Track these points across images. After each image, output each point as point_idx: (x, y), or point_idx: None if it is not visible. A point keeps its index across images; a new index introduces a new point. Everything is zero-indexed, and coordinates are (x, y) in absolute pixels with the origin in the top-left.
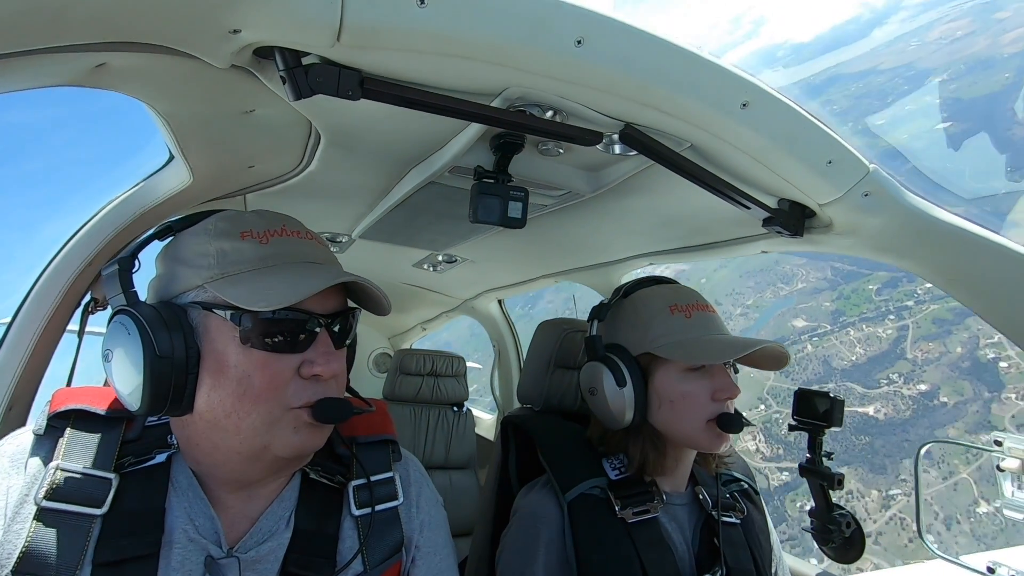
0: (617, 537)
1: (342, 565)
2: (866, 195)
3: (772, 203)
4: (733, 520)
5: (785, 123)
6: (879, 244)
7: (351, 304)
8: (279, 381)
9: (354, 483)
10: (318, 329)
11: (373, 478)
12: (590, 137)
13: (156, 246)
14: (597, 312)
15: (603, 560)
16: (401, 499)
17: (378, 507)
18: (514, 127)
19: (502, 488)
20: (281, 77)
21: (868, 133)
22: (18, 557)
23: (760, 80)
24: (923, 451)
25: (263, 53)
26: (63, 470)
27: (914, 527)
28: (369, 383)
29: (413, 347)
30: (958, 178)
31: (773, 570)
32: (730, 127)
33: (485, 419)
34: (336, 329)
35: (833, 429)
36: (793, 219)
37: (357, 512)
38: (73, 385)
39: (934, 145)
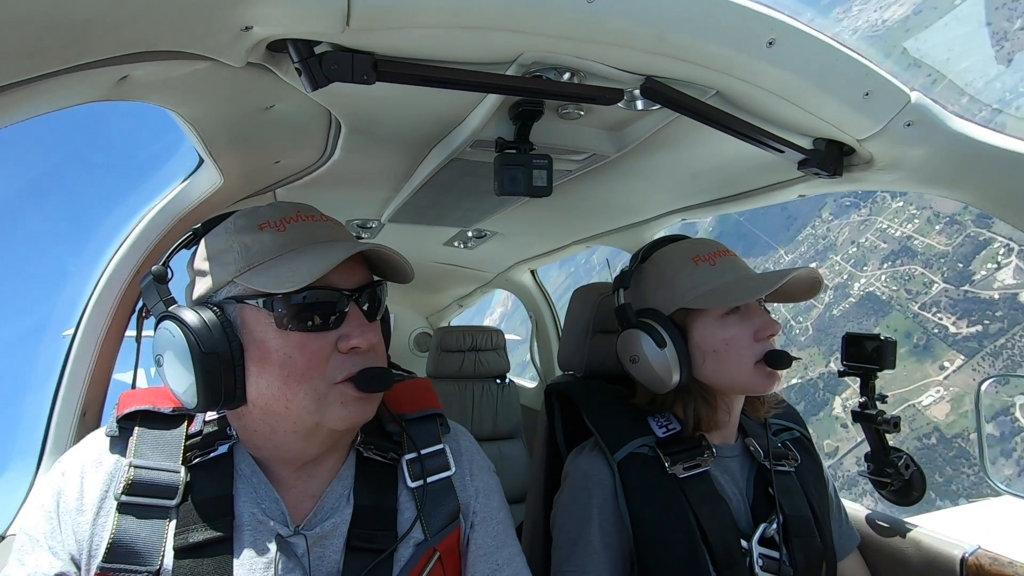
0: (669, 494)
1: (403, 535)
2: (908, 125)
3: (807, 144)
4: (787, 469)
5: (815, 57)
6: (925, 176)
7: (376, 278)
8: (319, 358)
9: (406, 457)
10: (347, 304)
11: (424, 451)
12: (610, 95)
13: (185, 254)
14: (621, 280)
15: (657, 517)
16: (453, 469)
17: (432, 477)
18: (531, 94)
19: (551, 454)
20: (296, 69)
21: None
22: (106, 548)
23: (785, 14)
24: (983, 386)
25: (276, 47)
26: (136, 467)
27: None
28: (412, 363)
29: (451, 324)
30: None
31: (831, 516)
32: (757, 68)
33: (528, 389)
34: (366, 304)
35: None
36: (831, 158)
37: (412, 484)
38: (137, 386)
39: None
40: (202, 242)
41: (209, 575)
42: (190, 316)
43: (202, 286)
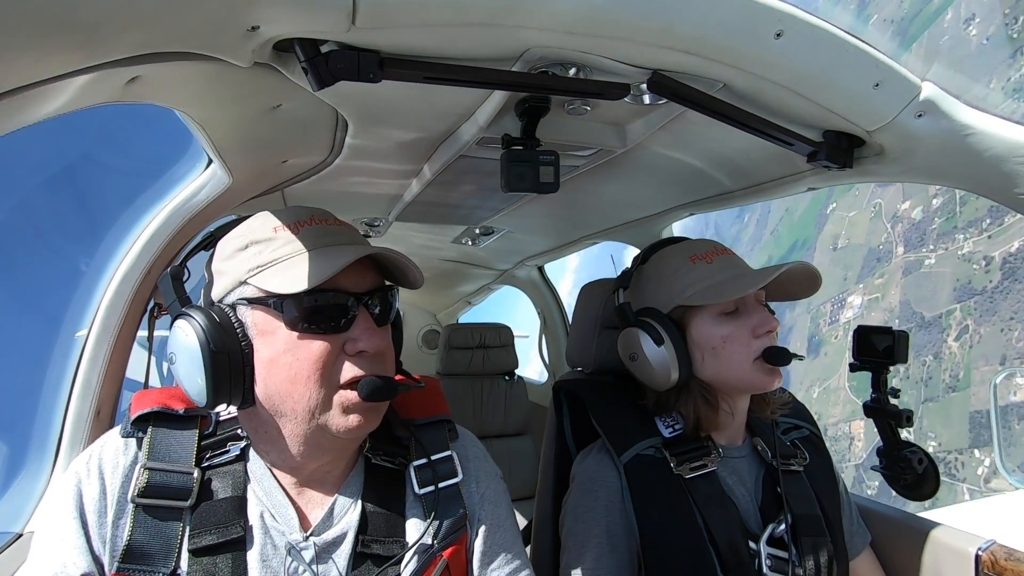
0: (675, 495)
1: (410, 542)
2: (920, 116)
3: (816, 136)
4: (796, 468)
5: (824, 48)
6: (938, 167)
7: (387, 283)
8: (326, 360)
9: (414, 464)
10: (356, 308)
11: (432, 458)
12: (617, 90)
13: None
14: (621, 281)
15: (663, 519)
16: (460, 476)
17: (439, 484)
18: (537, 90)
19: (559, 454)
20: (303, 68)
21: None
22: (124, 549)
23: (792, 5)
24: (999, 380)
25: (283, 47)
26: (150, 469)
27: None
28: (420, 361)
29: (460, 322)
30: None
31: (842, 514)
32: (764, 61)
33: (538, 385)
34: (376, 308)
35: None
36: (840, 150)
37: (420, 491)
38: (150, 385)
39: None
40: (220, 243)
41: None
42: (202, 316)
43: (218, 286)
